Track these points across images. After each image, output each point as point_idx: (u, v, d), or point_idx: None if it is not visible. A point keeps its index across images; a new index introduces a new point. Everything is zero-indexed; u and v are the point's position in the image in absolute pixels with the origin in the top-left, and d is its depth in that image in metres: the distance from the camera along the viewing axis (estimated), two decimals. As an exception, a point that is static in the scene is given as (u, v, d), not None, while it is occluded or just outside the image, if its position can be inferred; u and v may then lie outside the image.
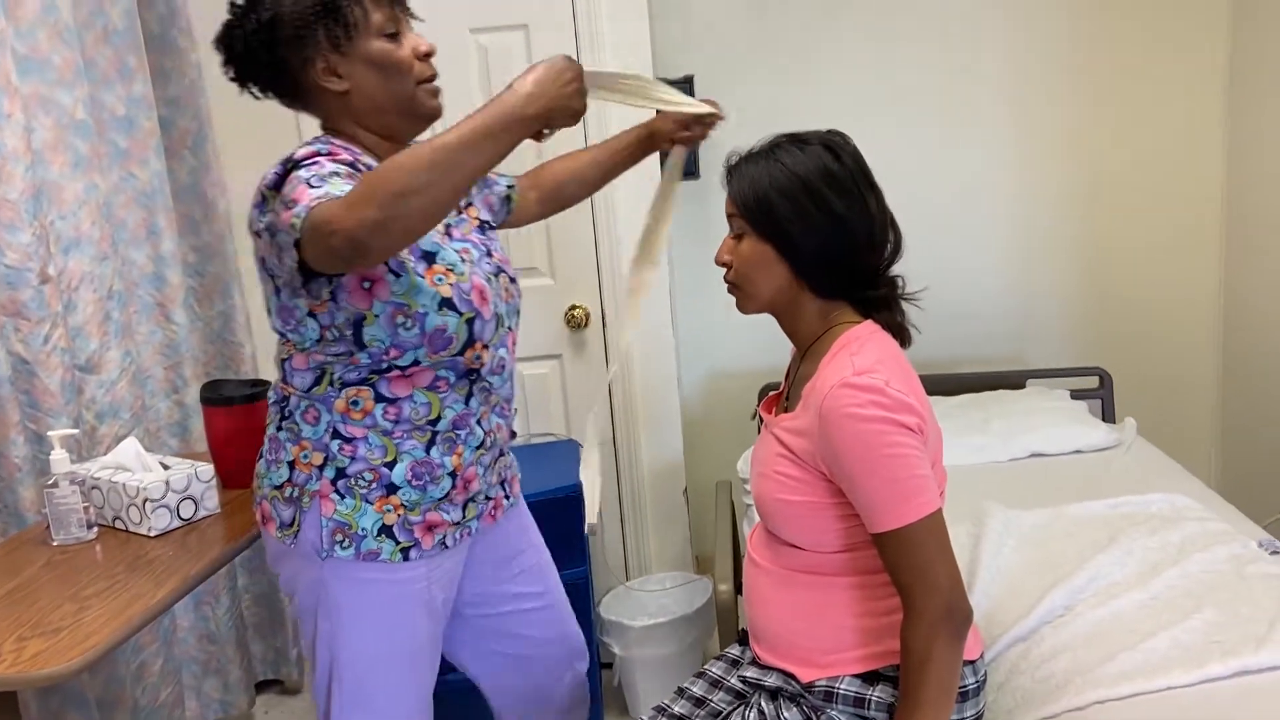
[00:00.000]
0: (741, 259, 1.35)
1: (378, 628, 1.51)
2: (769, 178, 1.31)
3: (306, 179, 1.27)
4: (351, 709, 1.53)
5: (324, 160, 1.32)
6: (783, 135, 1.36)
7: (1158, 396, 3.01)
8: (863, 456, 1.22)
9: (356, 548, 1.46)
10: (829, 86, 2.88)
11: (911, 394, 1.25)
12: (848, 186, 1.30)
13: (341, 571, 1.47)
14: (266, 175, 1.34)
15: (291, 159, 1.33)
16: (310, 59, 1.39)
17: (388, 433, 1.45)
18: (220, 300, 2.62)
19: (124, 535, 1.81)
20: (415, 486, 1.47)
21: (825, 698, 1.34)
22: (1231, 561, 1.70)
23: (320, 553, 1.46)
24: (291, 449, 1.47)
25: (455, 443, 1.49)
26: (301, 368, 1.46)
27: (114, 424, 2.21)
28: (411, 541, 1.48)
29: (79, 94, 2.13)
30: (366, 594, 1.49)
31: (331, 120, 1.47)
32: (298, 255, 1.27)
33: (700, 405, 3.09)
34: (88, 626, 1.45)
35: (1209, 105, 2.90)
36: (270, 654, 2.83)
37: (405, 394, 1.44)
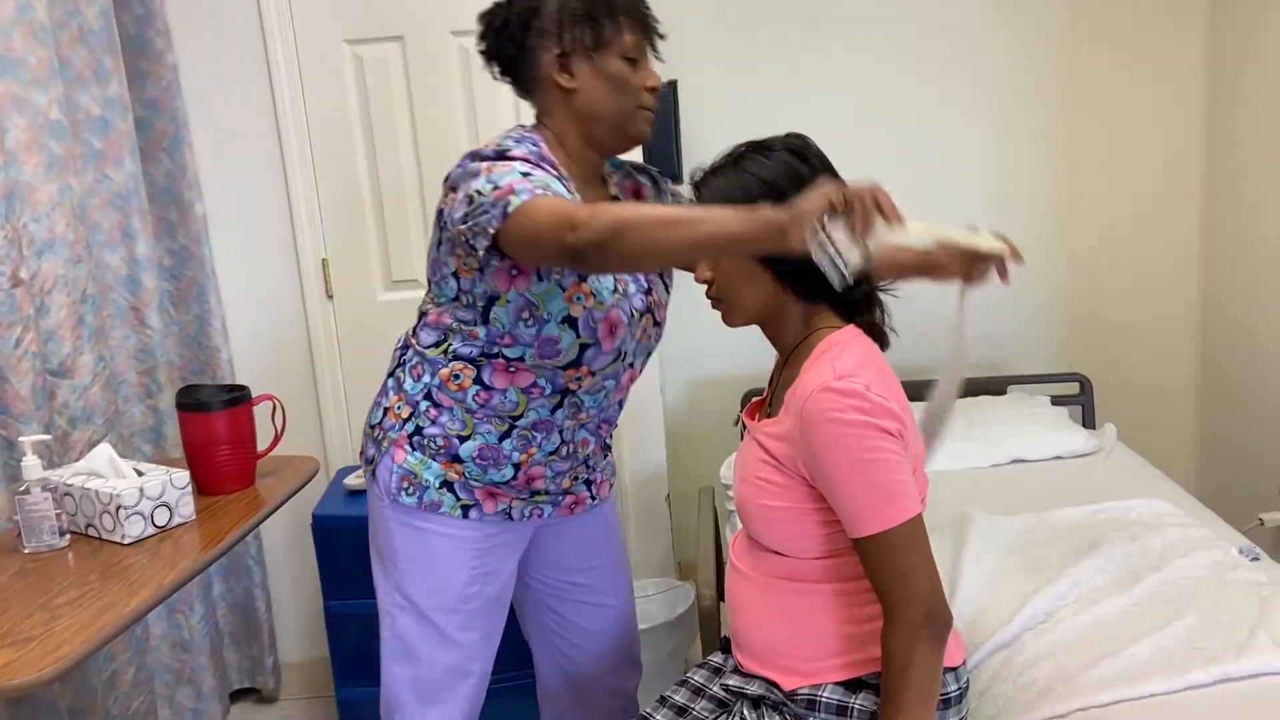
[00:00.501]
0: (723, 274, 1.34)
1: (430, 579, 1.60)
2: (740, 189, 1.30)
3: (523, 172, 1.38)
4: (394, 657, 1.64)
5: (520, 161, 1.42)
6: (743, 145, 1.35)
7: (1137, 403, 3.03)
8: (843, 461, 1.21)
9: (420, 497, 1.57)
10: (811, 94, 2.89)
11: (892, 398, 1.25)
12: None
13: (404, 517, 1.58)
14: (484, 150, 1.45)
15: (505, 152, 1.43)
16: (552, 53, 1.48)
17: (471, 411, 1.55)
18: (196, 304, 2.59)
19: (97, 543, 1.78)
20: (478, 465, 1.57)
21: (808, 706, 1.33)
22: (1212, 568, 1.71)
23: (389, 495, 1.58)
24: (392, 396, 1.60)
25: (529, 443, 1.58)
26: (432, 324, 1.57)
27: (87, 429, 2.17)
28: (473, 501, 1.58)
29: (54, 94, 2.09)
30: (424, 543, 1.58)
31: (548, 114, 1.54)
32: (495, 228, 1.36)
33: (683, 411, 3.08)
34: (59, 636, 1.43)
35: (1188, 113, 2.92)
36: (246, 662, 2.79)
37: (501, 387, 1.54)
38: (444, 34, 2.54)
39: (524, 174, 1.38)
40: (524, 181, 1.36)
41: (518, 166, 1.40)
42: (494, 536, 1.62)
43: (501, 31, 1.51)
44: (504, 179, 1.37)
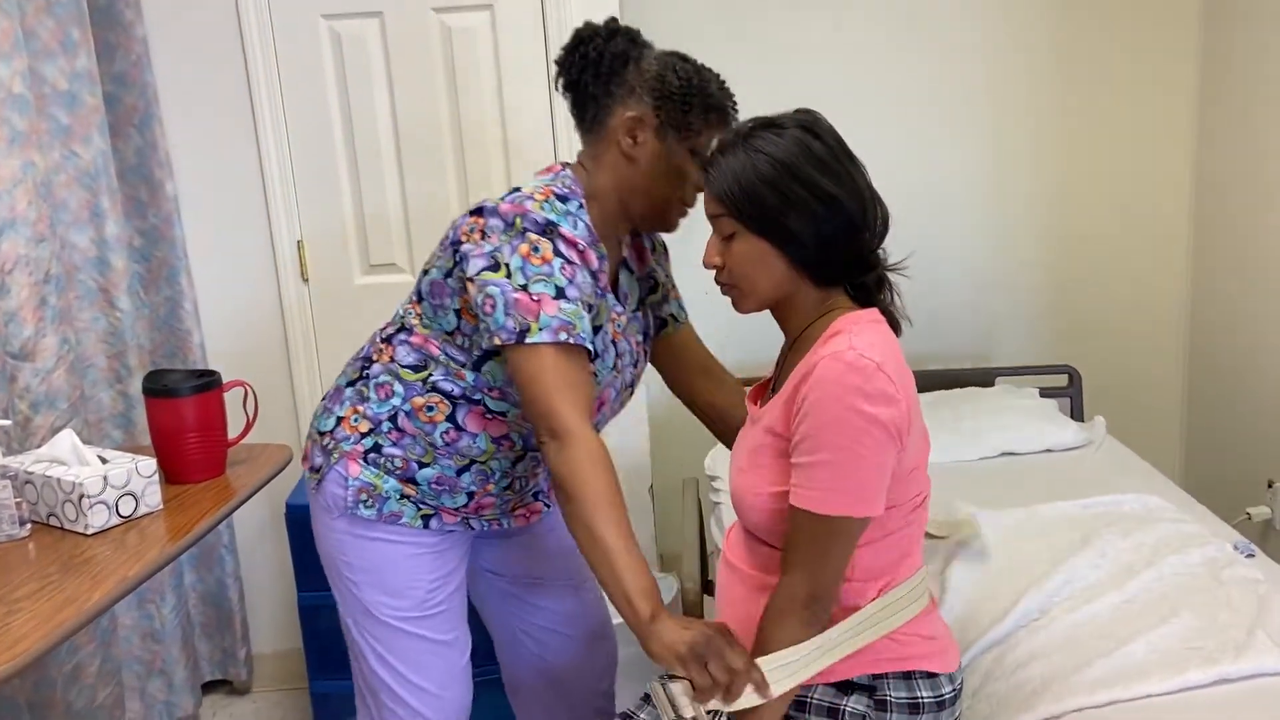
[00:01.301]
0: (736, 259, 1.27)
1: (390, 589, 1.55)
2: (753, 169, 1.23)
3: (559, 286, 1.33)
4: (377, 663, 1.59)
5: (570, 247, 1.36)
6: (751, 121, 1.28)
7: (1124, 395, 3.01)
8: (826, 433, 1.17)
9: (379, 509, 1.52)
10: (799, 71, 2.84)
11: (901, 389, 1.20)
12: (833, 165, 1.24)
13: (358, 530, 1.54)
14: (531, 210, 1.36)
15: (554, 228, 1.35)
16: (631, 113, 1.42)
17: (435, 446, 1.51)
18: (167, 286, 2.52)
19: (59, 533, 1.72)
20: (433, 489, 1.54)
21: (798, 708, 1.30)
22: (1207, 565, 1.68)
23: (343, 509, 1.53)
24: (348, 406, 1.54)
25: (487, 479, 1.55)
26: (416, 345, 1.50)
27: (50, 414, 2.10)
28: (433, 511, 1.56)
29: (17, 66, 2.02)
30: (381, 553, 1.54)
31: (597, 163, 1.47)
32: (503, 341, 1.33)
33: (666, 402, 3.01)
34: (16, 631, 1.36)
35: (1178, 105, 2.89)
36: (218, 654, 2.74)
37: (474, 431, 1.49)
38: (425, 10, 2.47)
39: (559, 290, 1.33)
40: (554, 310, 1.32)
41: (558, 273, 1.34)
42: (453, 539, 1.61)
43: (592, 64, 1.43)
44: (536, 286, 1.33)
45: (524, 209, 1.36)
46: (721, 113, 1.43)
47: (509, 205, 1.37)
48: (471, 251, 1.37)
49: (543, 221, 1.35)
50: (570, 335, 1.32)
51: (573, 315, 1.33)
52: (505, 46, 2.49)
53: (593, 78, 1.43)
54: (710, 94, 1.42)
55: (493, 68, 2.51)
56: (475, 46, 2.48)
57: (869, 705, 1.28)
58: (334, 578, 1.61)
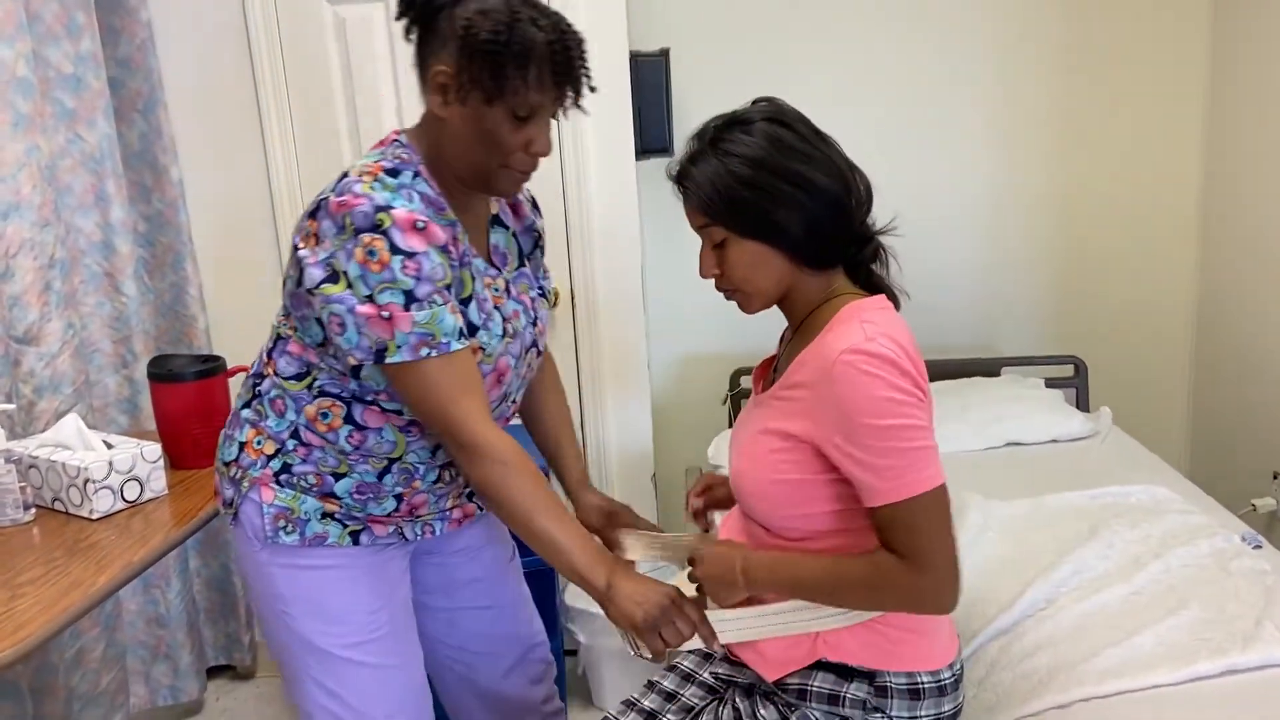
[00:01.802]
0: (732, 265, 1.25)
1: (326, 618, 1.44)
2: (729, 174, 1.21)
3: (406, 290, 1.23)
4: (325, 695, 1.46)
5: (407, 231, 1.24)
6: (714, 122, 1.26)
7: (1130, 385, 3.00)
8: (870, 423, 1.15)
9: (301, 533, 1.41)
10: (806, 61, 2.82)
11: (919, 371, 1.19)
12: (807, 150, 1.22)
13: (284, 559, 1.42)
14: (356, 203, 1.23)
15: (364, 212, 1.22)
16: (439, 69, 1.26)
17: (345, 453, 1.40)
18: (172, 272, 2.52)
19: (64, 517, 1.72)
20: (357, 499, 1.43)
21: (799, 695, 1.29)
22: (1215, 556, 1.67)
23: (264, 539, 1.41)
24: (248, 430, 1.43)
25: (413, 476, 1.45)
26: (293, 353, 1.38)
27: (54, 399, 2.10)
28: (361, 526, 1.45)
29: (20, 49, 2.01)
30: (312, 581, 1.43)
31: (425, 126, 1.35)
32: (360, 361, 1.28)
33: (670, 390, 3.03)
34: (20, 616, 1.36)
35: (1188, 95, 2.87)
36: (222, 639, 2.74)
37: (376, 426, 1.39)
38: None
39: (408, 296, 1.23)
40: (408, 325, 1.23)
41: (401, 275, 1.22)
42: (389, 554, 1.49)
43: (418, 5, 1.28)
44: (383, 296, 1.22)
45: (350, 203, 1.23)
46: (549, 66, 1.25)
47: (336, 201, 1.25)
48: (307, 259, 1.26)
49: (372, 214, 1.22)
50: (432, 348, 1.25)
51: (430, 323, 1.24)
52: (511, 32, 2.48)
53: (413, 21, 1.29)
54: (528, 47, 1.22)
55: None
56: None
57: (869, 691, 1.27)
58: (267, 614, 1.46)
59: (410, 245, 1.24)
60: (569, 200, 2.56)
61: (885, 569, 1.18)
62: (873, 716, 1.27)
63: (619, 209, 2.56)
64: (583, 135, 2.51)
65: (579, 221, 2.57)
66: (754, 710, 1.32)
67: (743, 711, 1.32)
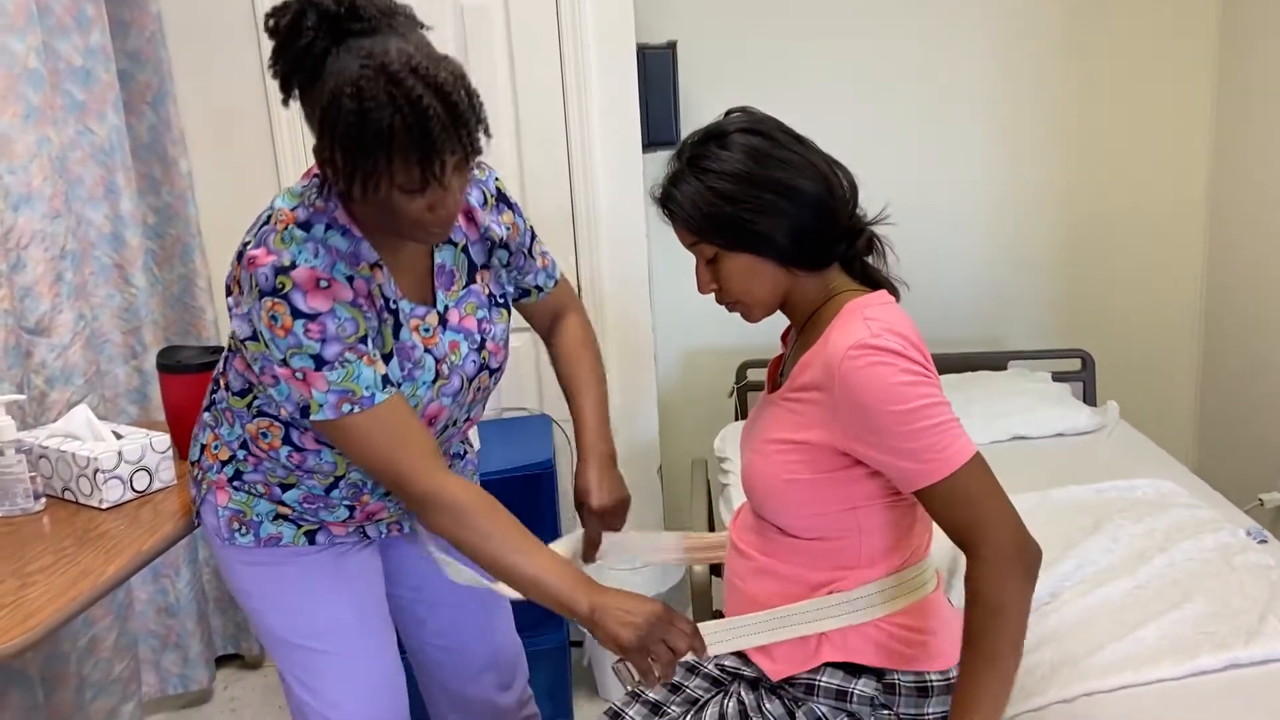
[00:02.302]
0: (728, 278, 1.26)
1: (289, 611, 1.47)
2: (710, 192, 1.21)
3: (313, 354, 1.21)
4: (302, 690, 1.50)
5: (310, 291, 1.20)
6: (690, 139, 1.26)
7: (1137, 379, 2.99)
8: (895, 411, 1.15)
9: (255, 534, 1.44)
10: (812, 55, 2.81)
11: (925, 357, 1.20)
12: (784, 156, 1.22)
13: (244, 556, 1.45)
14: (260, 265, 1.20)
15: (265, 274, 1.19)
16: (316, 145, 1.17)
17: (289, 470, 1.41)
18: (180, 264, 2.53)
19: (73, 507, 1.73)
20: (307, 508, 1.44)
21: (807, 690, 1.29)
22: (1220, 550, 1.67)
23: (224, 539, 1.45)
24: (208, 434, 1.46)
25: (360, 490, 1.44)
26: (238, 369, 1.39)
27: (66, 390, 2.11)
28: (317, 525, 1.46)
29: (31, 41, 2.02)
30: (273, 575, 1.46)
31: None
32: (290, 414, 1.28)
33: (676, 383, 3.03)
34: (30, 604, 1.37)
35: (1196, 88, 2.86)
36: (230, 628, 2.76)
37: (314, 449, 1.38)
38: (439, -12, 2.46)
39: (316, 359, 1.21)
40: (323, 386, 1.22)
41: (305, 339, 1.20)
42: (348, 550, 1.49)
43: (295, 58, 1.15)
44: (294, 360, 1.21)
45: (257, 262, 1.21)
46: (407, 154, 1.12)
47: (248, 256, 1.22)
48: (232, 309, 1.26)
49: (272, 277, 1.20)
50: (354, 404, 1.23)
51: (345, 381, 1.22)
52: (517, 24, 2.48)
53: (291, 72, 1.17)
54: (383, 134, 1.10)
55: (505, 47, 2.50)
56: (489, 26, 2.47)
57: (877, 688, 1.28)
58: (242, 608, 1.51)
59: (312, 306, 1.21)
60: (576, 193, 2.57)
61: (986, 595, 1.15)
62: (880, 713, 1.28)
63: (625, 202, 2.57)
64: (589, 128, 2.51)
65: (585, 214, 2.58)
66: (759, 704, 1.32)
67: (748, 705, 1.33)
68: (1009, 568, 1.14)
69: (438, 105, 1.11)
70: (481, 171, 1.44)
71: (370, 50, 1.11)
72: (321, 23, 1.13)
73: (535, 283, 1.55)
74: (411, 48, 1.13)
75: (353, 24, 1.14)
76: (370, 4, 1.15)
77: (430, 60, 1.13)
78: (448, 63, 1.16)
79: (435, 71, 1.12)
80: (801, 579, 1.30)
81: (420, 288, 1.38)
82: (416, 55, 1.12)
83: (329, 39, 1.13)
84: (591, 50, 2.47)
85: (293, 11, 1.14)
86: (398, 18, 1.18)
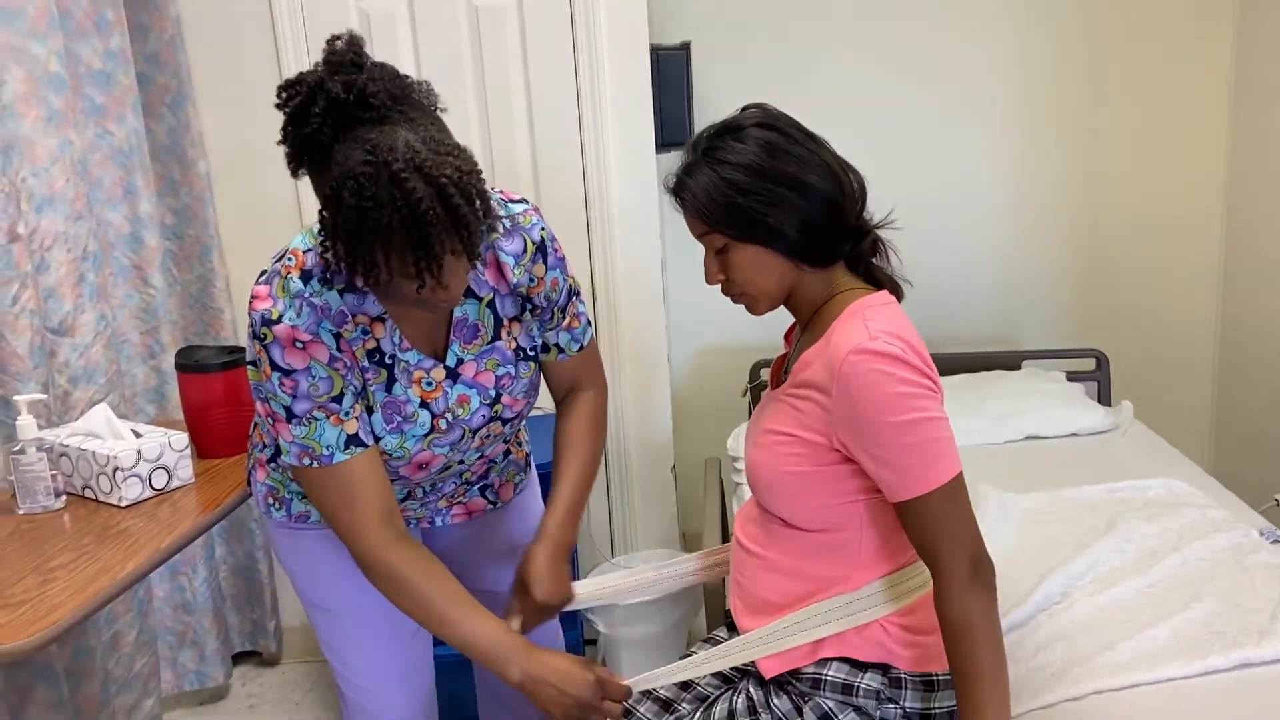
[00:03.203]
0: (735, 270, 1.28)
1: (316, 578, 1.53)
2: (723, 182, 1.23)
3: (284, 405, 1.27)
4: (328, 652, 1.59)
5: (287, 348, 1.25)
6: (706, 132, 1.28)
7: (1153, 379, 2.98)
8: (886, 421, 1.17)
9: (287, 510, 1.51)
10: (825, 56, 2.82)
11: (925, 362, 1.21)
12: (799, 153, 1.24)
13: (279, 530, 1.54)
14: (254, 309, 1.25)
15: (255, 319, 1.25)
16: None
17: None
18: (199, 264, 2.56)
19: (93, 505, 1.76)
20: None
21: (813, 685, 1.30)
22: (1232, 550, 1.67)
23: (263, 511, 1.54)
24: (259, 418, 1.50)
25: None
26: None
27: (88, 389, 2.14)
28: None
29: (53, 46, 2.04)
30: (302, 544, 1.52)
31: None
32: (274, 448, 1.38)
33: (689, 382, 3.04)
34: (51, 600, 1.40)
35: (1212, 86, 2.84)
36: (247, 625, 2.78)
37: None
38: (455, -10, 2.48)
39: (287, 411, 1.27)
40: (289, 436, 1.28)
41: (279, 391, 1.26)
42: None
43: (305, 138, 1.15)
44: (271, 404, 1.28)
45: (255, 302, 1.26)
46: (404, 254, 1.11)
47: (253, 290, 1.27)
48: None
49: (259, 325, 1.24)
50: (313, 459, 1.29)
51: (308, 438, 1.28)
52: (531, 26, 2.49)
53: (298, 153, 1.17)
54: (381, 233, 1.09)
55: (519, 48, 2.51)
56: (503, 26, 2.49)
57: (883, 683, 1.28)
58: (286, 574, 1.59)
59: (288, 363, 1.25)
60: (589, 193, 2.58)
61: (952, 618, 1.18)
62: (886, 707, 1.28)
63: (639, 202, 2.58)
64: (603, 128, 2.52)
65: (599, 214, 2.59)
66: (768, 700, 1.33)
67: (756, 701, 1.34)
68: (969, 587, 1.18)
69: (438, 206, 1.10)
70: (527, 219, 1.39)
71: (376, 143, 1.09)
72: (329, 110, 1.12)
73: (555, 341, 1.48)
74: (419, 140, 1.11)
75: (361, 112, 1.12)
76: (382, 91, 1.13)
77: (436, 156, 1.11)
78: (455, 157, 1.13)
79: (439, 169, 1.10)
80: (804, 573, 1.31)
81: (432, 340, 1.38)
82: (423, 150, 1.10)
83: (335, 128, 1.12)
84: (605, 51, 2.48)
85: (302, 96, 1.13)
86: (409, 105, 1.16)
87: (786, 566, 1.32)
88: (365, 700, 1.58)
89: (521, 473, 1.68)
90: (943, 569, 1.19)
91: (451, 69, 2.52)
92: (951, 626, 1.19)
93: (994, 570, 1.22)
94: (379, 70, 1.15)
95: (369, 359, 1.33)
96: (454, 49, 2.51)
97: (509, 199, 1.40)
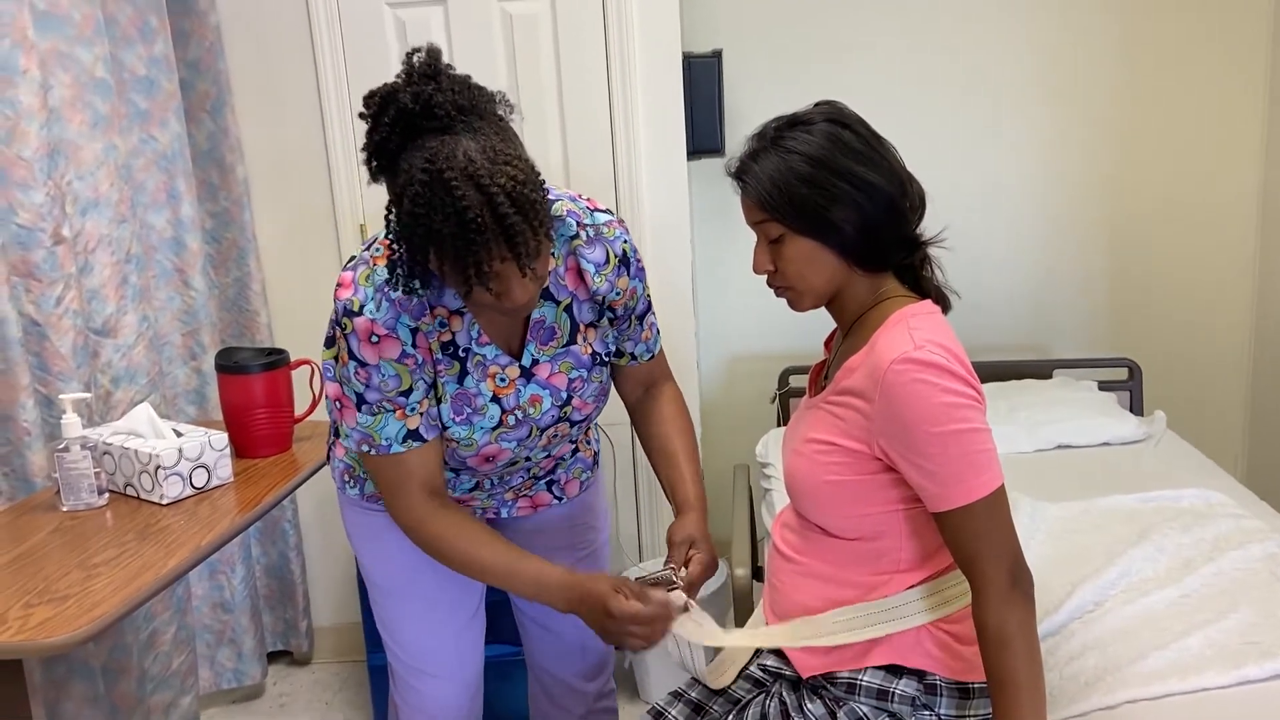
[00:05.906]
0: (786, 261, 1.27)
1: (379, 558, 1.59)
2: (790, 171, 1.23)
3: (357, 392, 1.34)
4: (382, 628, 1.65)
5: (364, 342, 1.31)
6: (775, 122, 1.28)
7: (1186, 389, 2.95)
8: (931, 431, 1.16)
9: (361, 489, 1.56)
10: (857, 64, 2.82)
11: (969, 373, 1.21)
12: (867, 152, 1.24)
13: (350, 505, 1.60)
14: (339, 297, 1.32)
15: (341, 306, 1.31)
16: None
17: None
18: (235, 268, 2.59)
19: (135, 502, 1.79)
20: None
21: (848, 690, 1.30)
22: (1267, 560, 1.65)
23: (339, 487, 1.60)
24: None
25: (447, 484, 1.52)
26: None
27: (130, 389, 2.18)
28: None
29: (98, 52, 2.09)
30: (370, 525, 1.57)
31: None
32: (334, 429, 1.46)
33: (718, 388, 3.05)
34: (95, 595, 1.43)
35: (1248, 92, 2.82)
36: (280, 625, 2.81)
37: None
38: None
39: (359, 398, 1.34)
40: (353, 421, 1.36)
41: (354, 378, 1.32)
42: None
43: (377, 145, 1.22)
44: (345, 387, 1.36)
45: (340, 290, 1.32)
46: (454, 259, 1.16)
47: (340, 275, 1.34)
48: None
49: (341, 314, 1.31)
50: (372, 447, 1.36)
51: (373, 426, 1.35)
52: (565, 33, 2.52)
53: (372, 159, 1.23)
54: (439, 238, 1.15)
55: (553, 54, 2.53)
56: (536, 33, 2.51)
57: (919, 689, 1.28)
58: (352, 547, 1.66)
59: (364, 355, 1.32)
60: (621, 199, 2.60)
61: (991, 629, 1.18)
62: (921, 714, 1.28)
63: (670, 209, 2.59)
64: (635, 135, 2.54)
65: (630, 221, 2.60)
66: (801, 704, 1.33)
67: (789, 705, 1.34)
68: (1008, 597, 1.18)
69: (486, 215, 1.14)
70: (611, 230, 1.43)
71: (435, 153, 1.15)
72: (398, 120, 1.18)
73: (632, 350, 1.54)
74: (478, 150, 1.15)
75: (426, 122, 1.18)
76: (448, 101, 1.18)
77: (492, 165, 1.15)
78: (512, 166, 1.16)
79: (493, 178, 1.14)
80: (843, 580, 1.31)
81: (509, 338, 1.42)
82: (479, 159, 1.14)
83: (402, 136, 1.18)
84: (638, 58, 2.50)
85: (375, 104, 1.21)
86: (476, 114, 1.20)
87: (824, 573, 1.32)
88: (415, 680, 1.63)
89: (589, 470, 1.70)
90: (982, 579, 1.19)
91: (485, 75, 2.51)
92: (989, 636, 1.19)
93: (1033, 582, 1.21)
94: (451, 82, 1.21)
95: (443, 350, 1.38)
96: (488, 55, 2.53)
97: (594, 208, 1.45)
